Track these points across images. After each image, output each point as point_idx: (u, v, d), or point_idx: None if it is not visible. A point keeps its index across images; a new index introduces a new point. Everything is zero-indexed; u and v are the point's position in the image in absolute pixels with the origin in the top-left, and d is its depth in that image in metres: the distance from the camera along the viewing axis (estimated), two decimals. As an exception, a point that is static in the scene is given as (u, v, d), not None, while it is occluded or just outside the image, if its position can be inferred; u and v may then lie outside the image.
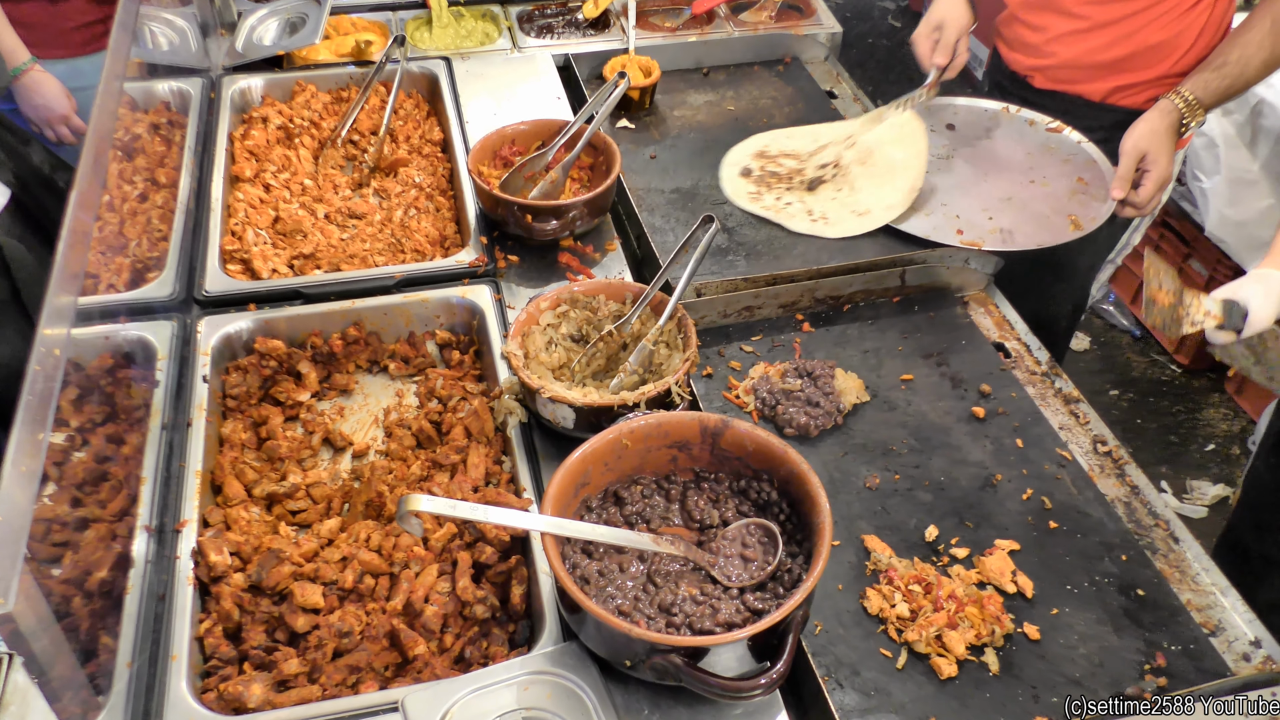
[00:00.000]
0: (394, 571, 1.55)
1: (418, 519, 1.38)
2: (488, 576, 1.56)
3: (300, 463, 1.80)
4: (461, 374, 1.95)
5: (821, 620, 1.56)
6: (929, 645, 1.51)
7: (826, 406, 1.86)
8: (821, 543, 1.36)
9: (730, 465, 1.57)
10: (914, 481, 1.79)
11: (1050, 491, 1.77)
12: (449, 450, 1.73)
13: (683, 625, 1.37)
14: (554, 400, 1.65)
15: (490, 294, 2.02)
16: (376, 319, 2.00)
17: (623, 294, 1.87)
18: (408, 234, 2.22)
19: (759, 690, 1.26)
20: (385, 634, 1.47)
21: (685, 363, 1.70)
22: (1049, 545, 1.68)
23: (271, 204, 2.28)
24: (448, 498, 1.43)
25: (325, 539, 1.62)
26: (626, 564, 1.46)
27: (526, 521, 1.38)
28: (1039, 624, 1.56)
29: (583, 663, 1.40)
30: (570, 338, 1.86)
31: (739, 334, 2.09)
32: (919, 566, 1.62)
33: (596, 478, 1.53)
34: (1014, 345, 2.10)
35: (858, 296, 2.17)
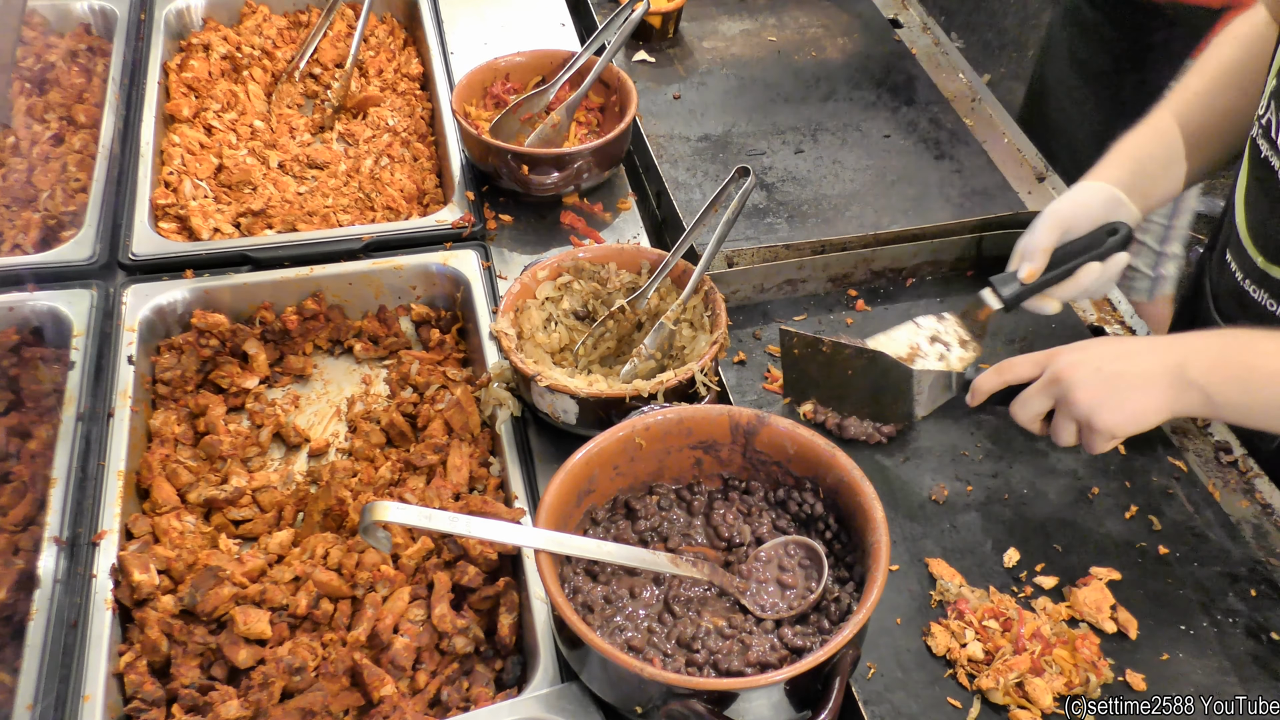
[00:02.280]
0: (357, 595, 1.54)
1: (385, 531, 1.37)
2: (470, 602, 1.55)
3: (245, 463, 1.79)
4: (442, 357, 1.94)
5: (876, 661, 1.55)
6: (1008, 695, 1.50)
7: None
8: (876, 567, 1.35)
9: (766, 471, 1.56)
10: (990, 494, 1.77)
11: (1160, 509, 1.75)
12: (425, 449, 1.72)
13: (706, 665, 1.36)
14: (553, 390, 1.65)
15: (478, 261, 2.02)
16: (340, 290, 1.99)
17: (638, 262, 1.86)
18: (379, 188, 2.22)
19: (798, 746, 1.25)
20: (345, 671, 1.46)
21: (713, 346, 1.69)
22: (1158, 575, 1.66)
23: (214, 150, 2.27)
24: (422, 506, 1.43)
25: (274, 555, 1.61)
26: (639, 589, 1.45)
27: (518, 536, 1.37)
28: (1144, 672, 1.54)
29: (584, 709, 1.39)
30: (574, 314, 1.85)
31: (779, 312, 2.08)
32: (996, 598, 1.60)
33: (604, 484, 1.52)
34: (1117, 330, 2.07)
35: (924, 269, 2.15)
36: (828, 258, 2.08)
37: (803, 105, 2.54)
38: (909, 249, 2.12)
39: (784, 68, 2.64)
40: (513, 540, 1.36)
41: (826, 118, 2.51)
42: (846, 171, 2.37)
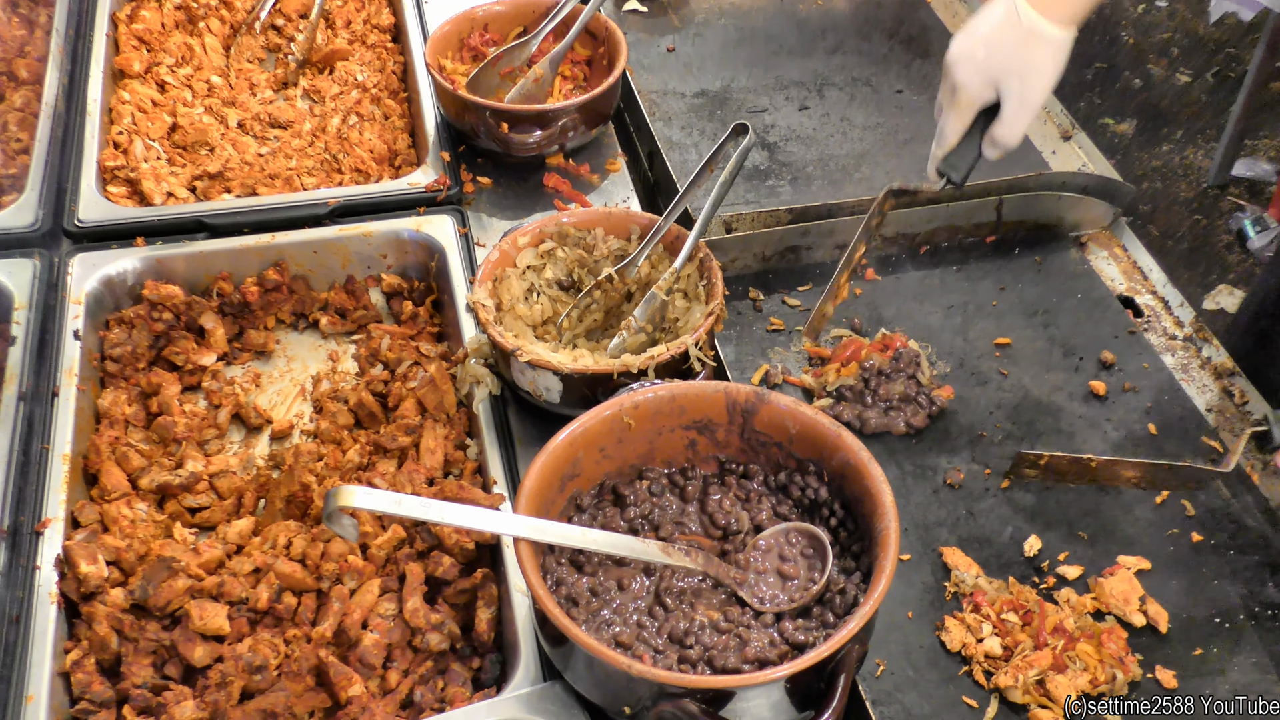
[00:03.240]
0: (322, 588, 1.54)
1: (352, 519, 1.37)
2: (446, 596, 1.55)
3: (202, 446, 1.79)
4: (415, 331, 1.94)
5: (885, 658, 1.55)
6: (1028, 693, 1.50)
7: (916, 402, 1.84)
8: (885, 556, 1.34)
9: (766, 453, 1.55)
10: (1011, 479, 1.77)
11: (1194, 494, 1.75)
12: (397, 431, 1.72)
13: (700, 662, 1.36)
14: (534, 365, 1.64)
15: (454, 227, 2.01)
16: (304, 259, 1.99)
17: (627, 227, 1.85)
18: (346, 148, 2.21)
19: (800, 748, 1.25)
20: (310, 669, 1.46)
21: (708, 318, 1.68)
22: (1191, 564, 1.67)
23: (168, 108, 2.26)
24: (393, 491, 1.42)
25: (233, 545, 1.61)
26: (627, 581, 1.45)
27: (496, 523, 1.36)
28: (1176, 668, 1.54)
29: (568, 710, 1.38)
30: (558, 284, 1.84)
31: (781, 282, 2.08)
32: (1015, 590, 1.61)
33: (589, 467, 1.52)
34: (1148, 300, 2.07)
35: (940, 235, 2.15)
36: (834, 223, 2.08)
37: (808, 58, 2.53)
38: (923, 213, 2.11)
39: (787, 17, 2.62)
40: (490, 528, 1.36)
41: (834, 71, 2.50)
42: (855, 130, 2.36)
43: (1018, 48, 1.55)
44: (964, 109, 1.62)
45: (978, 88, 1.59)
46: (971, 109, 1.62)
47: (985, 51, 1.57)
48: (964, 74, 1.59)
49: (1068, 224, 2.19)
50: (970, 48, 1.59)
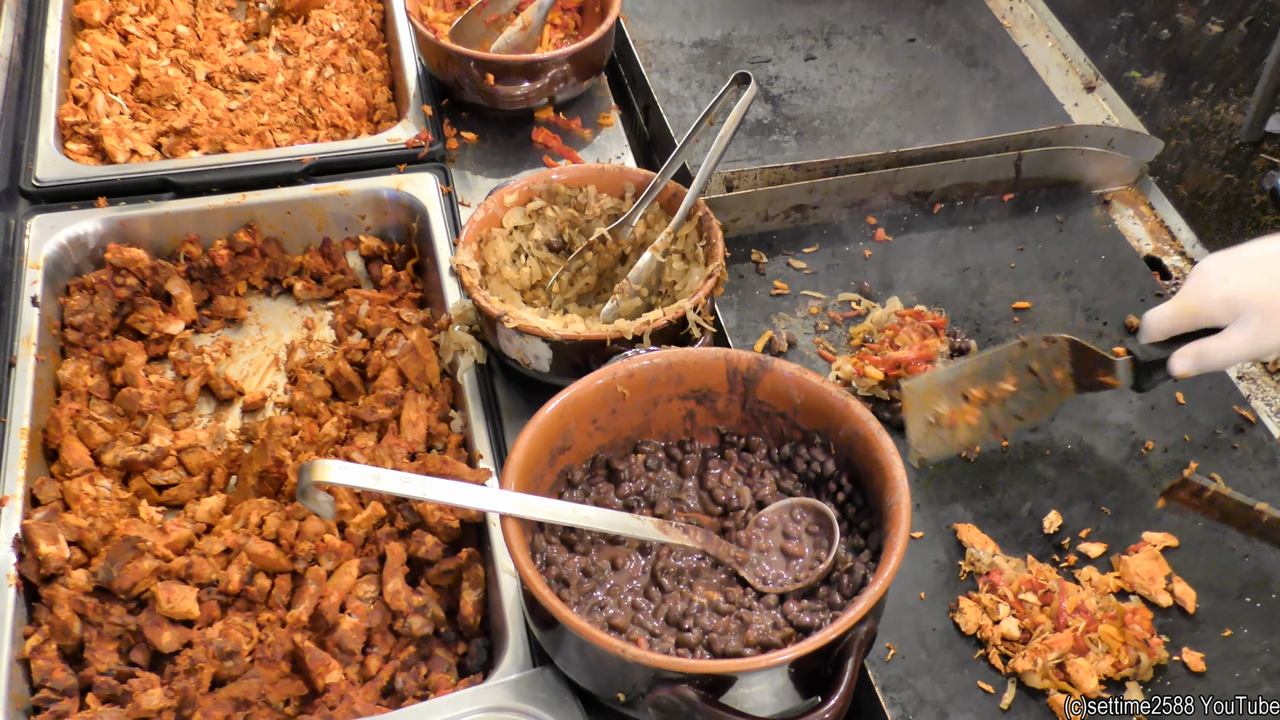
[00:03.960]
0: (297, 569, 1.54)
1: (328, 495, 1.37)
2: (429, 577, 1.54)
3: (170, 419, 1.78)
4: (395, 297, 1.93)
5: (896, 641, 1.55)
6: (1047, 678, 1.49)
7: None
8: (895, 533, 1.34)
9: (770, 424, 1.55)
10: (1030, 451, 1.77)
11: (1224, 466, 1.74)
12: (376, 402, 1.71)
13: (699, 645, 1.35)
14: (522, 332, 1.63)
15: (436, 185, 2.00)
16: (277, 220, 1.98)
17: (621, 185, 1.84)
18: (322, 102, 2.20)
19: (805, 736, 1.24)
20: (285, 655, 1.46)
21: (708, 281, 1.68)
22: (1220, 541, 1.66)
23: (131, 59, 2.24)
24: (372, 466, 1.42)
25: (202, 524, 1.61)
26: (622, 560, 1.44)
27: (481, 499, 1.35)
28: (1204, 650, 1.54)
29: (559, 697, 1.38)
30: (547, 245, 1.83)
31: (786, 243, 2.07)
32: (1034, 568, 1.60)
33: (581, 440, 1.51)
34: (1176, 262, 2.06)
35: (955, 193, 2.14)
36: (842, 180, 2.07)
37: (815, 5, 2.51)
38: (937, 170, 2.10)
39: (795, -37, 2.60)
40: (475, 504, 1.35)
41: (842, 19, 2.48)
42: (865, 81, 2.35)
43: None
44: (1188, 318, 1.58)
45: (1215, 305, 1.55)
46: (1195, 321, 1.58)
47: (1242, 274, 1.55)
48: (1208, 284, 1.56)
49: (1091, 181, 2.17)
50: (1228, 264, 1.57)
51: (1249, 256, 1.57)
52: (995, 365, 1.68)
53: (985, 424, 1.69)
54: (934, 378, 1.69)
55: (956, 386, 1.68)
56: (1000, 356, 1.68)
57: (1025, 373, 1.68)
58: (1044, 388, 1.68)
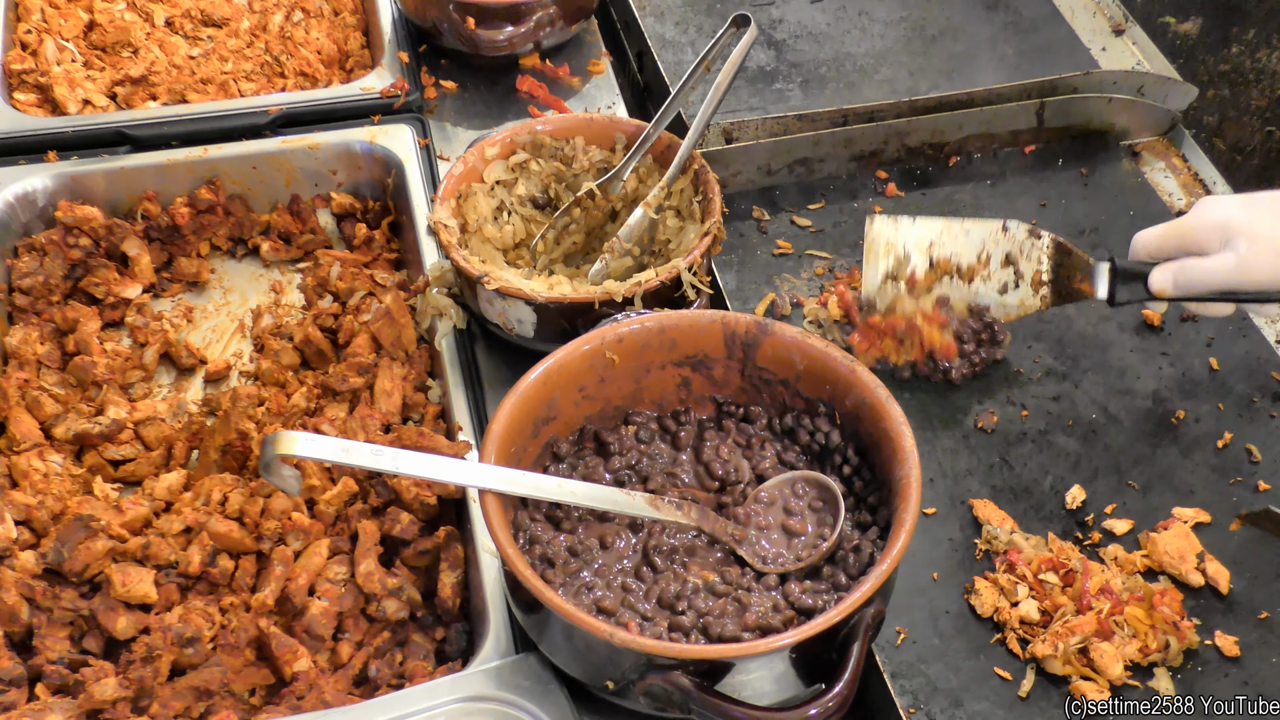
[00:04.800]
0: (263, 549, 1.53)
1: (294, 470, 1.36)
2: (404, 558, 1.54)
3: (126, 390, 1.78)
4: (370, 258, 1.93)
5: (906, 625, 1.54)
6: (1069, 664, 1.49)
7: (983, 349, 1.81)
8: (905, 508, 1.33)
9: (770, 393, 1.54)
10: (1051, 421, 1.76)
11: (1261, 437, 1.74)
12: (348, 370, 1.71)
13: (694, 629, 1.35)
14: (504, 294, 1.62)
15: (413, 137, 2.00)
16: (242, 176, 1.98)
17: (611, 136, 1.83)
18: (290, 49, 2.19)
19: (807, 725, 1.24)
20: (250, 642, 1.45)
21: (704, 238, 1.67)
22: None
23: (84, 2, 2.23)
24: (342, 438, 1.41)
25: (161, 502, 1.60)
26: (611, 538, 1.44)
27: (459, 474, 1.35)
28: (1239, 633, 1.53)
29: (544, 684, 1.38)
30: (531, 201, 1.83)
31: (790, 199, 2.06)
32: (1055, 546, 1.59)
33: (567, 410, 1.51)
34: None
35: (971, 144, 2.13)
36: (851, 131, 2.06)
37: (821, -58, 2.50)
38: (953, 120, 2.10)
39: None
40: (452, 479, 1.35)
41: (851, -43, 2.46)
42: (875, 25, 2.33)
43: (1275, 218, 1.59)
44: (1175, 238, 1.64)
45: (1206, 229, 1.60)
46: (1183, 244, 1.63)
47: (1242, 208, 1.60)
48: (1204, 211, 1.62)
49: (1119, 131, 2.16)
50: (1231, 200, 1.64)
51: (1255, 197, 1.63)
52: (971, 240, 1.71)
53: (935, 309, 1.74)
54: (904, 225, 1.73)
55: (922, 244, 1.72)
56: (978, 232, 1.71)
57: (1001, 261, 1.72)
58: (1015, 286, 1.73)
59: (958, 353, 1.76)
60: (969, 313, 1.77)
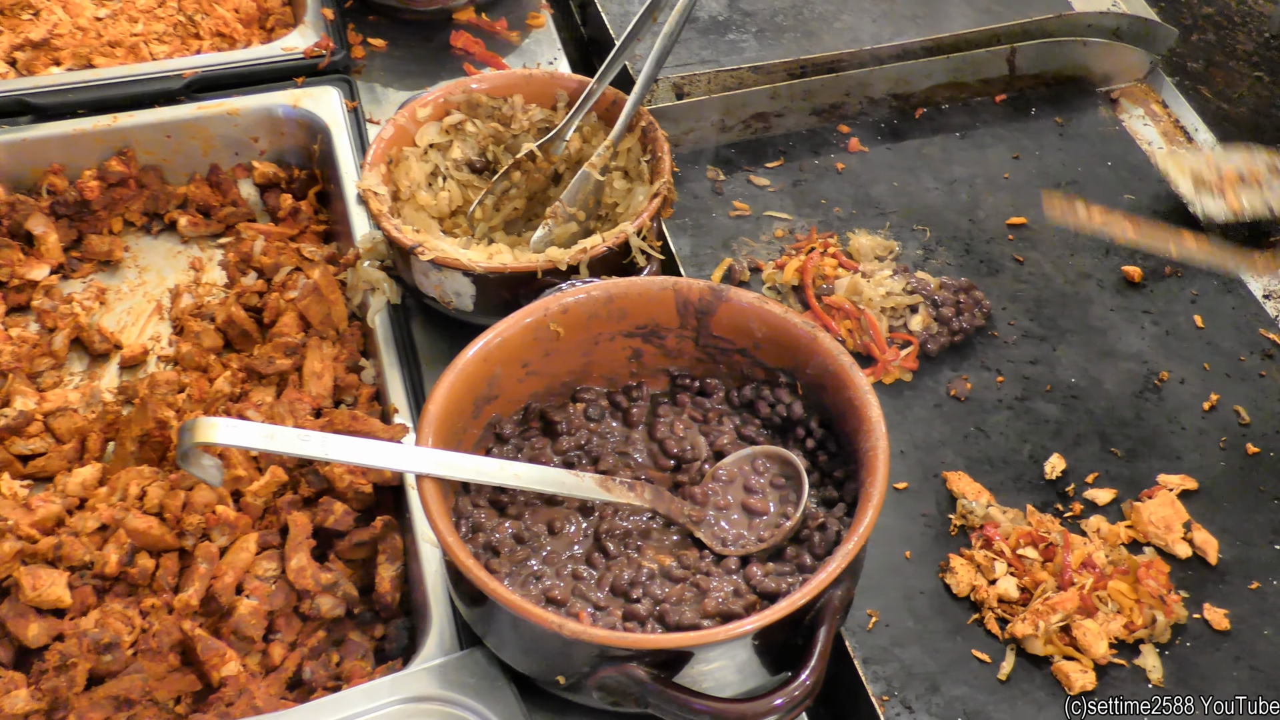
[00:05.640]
0: (186, 546, 1.51)
1: (216, 460, 1.35)
2: (339, 551, 1.53)
3: (34, 379, 1.76)
4: (296, 230, 1.92)
5: (879, 608, 1.55)
6: (1050, 643, 1.50)
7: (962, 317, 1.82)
8: (871, 481, 1.33)
9: (728, 363, 1.54)
10: (1029, 386, 1.77)
11: (1250, 397, 1.76)
12: (274, 351, 1.70)
13: (650, 617, 1.34)
14: (440, 265, 1.61)
15: (340, 100, 1.99)
16: (156, 145, 1.97)
17: (552, 93, 1.82)
18: (205, 7, 2.17)
19: (772, 717, 1.22)
20: (174, 646, 1.44)
21: (654, 200, 1.66)
22: (1246, 482, 1.67)
23: (-22, -40, 2.20)
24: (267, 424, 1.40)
25: (74, 499, 1.58)
26: (560, 523, 1.43)
27: (394, 458, 1.34)
28: (1228, 606, 1.54)
29: (491, 682, 1.38)
30: (468, 166, 1.82)
31: (746, 157, 2.06)
32: (1034, 519, 1.60)
33: (510, 388, 1.50)
34: (1193, 168, 2.06)
35: (939, 94, 2.14)
36: (810, 83, 2.06)
37: (775, -119, 2.49)
38: (919, 68, 2.10)
39: None
40: (387, 464, 1.34)
41: (807, -103, 2.46)
42: (834, -32, 2.33)
43: None
44: None
45: None
46: None
47: None
48: None
49: (1096, 76, 2.18)
50: None
51: None
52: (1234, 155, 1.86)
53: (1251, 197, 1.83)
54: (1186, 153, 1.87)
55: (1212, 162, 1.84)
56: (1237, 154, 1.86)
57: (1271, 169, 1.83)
58: None
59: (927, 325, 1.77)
60: None
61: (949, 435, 1.71)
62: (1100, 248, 1.92)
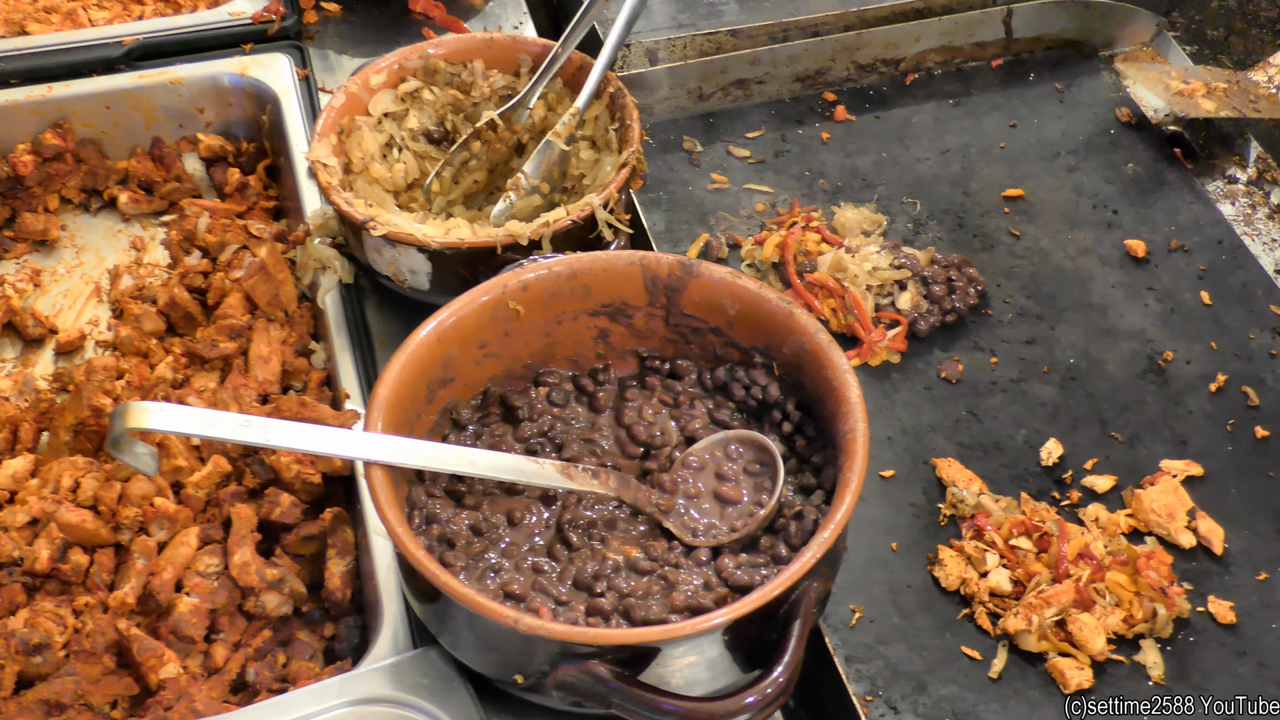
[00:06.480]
0: (122, 541, 1.51)
1: (150, 447, 1.34)
2: (286, 545, 1.53)
3: (-36, 366, 1.76)
4: (244, 207, 1.92)
5: (863, 603, 1.54)
6: (1044, 639, 1.49)
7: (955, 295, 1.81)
8: (851, 467, 1.32)
9: (700, 343, 1.53)
10: (1025, 368, 1.77)
11: (1259, 377, 1.76)
12: (218, 334, 1.69)
13: (615, 612, 1.34)
14: (393, 241, 1.61)
15: (291, 68, 1.99)
16: (94, 117, 1.96)
17: (515, 58, 1.82)
18: (148, -30, 2.15)
19: (743, 715, 1.22)
20: (109, 646, 1.43)
21: (622, 171, 1.66)
22: (1254, 468, 1.67)
23: (-100, -81, 2.19)
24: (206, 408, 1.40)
25: (4, 491, 1.57)
26: (521, 514, 1.43)
27: (341, 445, 1.33)
28: (1234, 598, 1.54)
29: (446, 683, 1.37)
30: (425, 136, 1.82)
31: (725, 126, 2.06)
32: (1029, 508, 1.60)
33: (467, 370, 1.49)
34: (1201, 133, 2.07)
35: (931, 59, 2.14)
36: (793, 48, 2.07)
37: None
38: (909, 31, 2.11)
39: None
40: (332, 450, 1.33)
41: None
42: (820, -75, 2.33)
43: None
44: None
45: None
46: None
47: None
48: None
49: (1097, 40, 2.18)
50: None
51: None
52: None
53: None
54: None
55: None
56: None
57: None
58: None
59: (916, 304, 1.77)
60: None
61: (939, 420, 1.71)
62: (1102, 221, 1.93)
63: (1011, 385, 1.75)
